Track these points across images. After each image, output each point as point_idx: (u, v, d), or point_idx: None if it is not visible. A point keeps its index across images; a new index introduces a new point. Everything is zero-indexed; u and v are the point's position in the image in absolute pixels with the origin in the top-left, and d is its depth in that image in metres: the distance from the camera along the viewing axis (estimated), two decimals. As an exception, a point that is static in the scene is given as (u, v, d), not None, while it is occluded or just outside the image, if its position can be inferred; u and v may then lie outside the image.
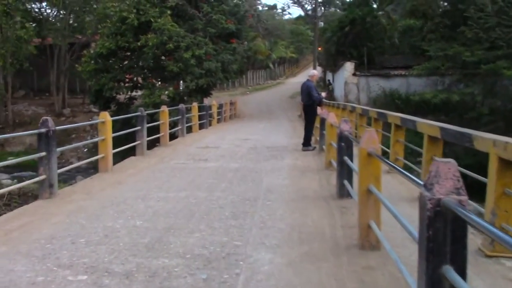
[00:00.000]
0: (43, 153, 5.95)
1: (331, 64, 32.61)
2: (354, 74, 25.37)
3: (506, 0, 18.84)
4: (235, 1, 25.61)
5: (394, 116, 7.48)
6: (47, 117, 6.11)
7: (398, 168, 3.16)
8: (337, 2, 63.91)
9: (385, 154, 7.20)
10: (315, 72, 11.37)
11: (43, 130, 5.95)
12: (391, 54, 28.31)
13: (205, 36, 21.97)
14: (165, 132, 11.84)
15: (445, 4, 27.41)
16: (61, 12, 30.04)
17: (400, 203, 5.60)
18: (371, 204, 3.89)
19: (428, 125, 5.47)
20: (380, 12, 28.60)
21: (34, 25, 27.83)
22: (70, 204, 5.75)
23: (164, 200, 5.93)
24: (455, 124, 12.49)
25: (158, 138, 11.83)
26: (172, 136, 13.87)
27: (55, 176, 6.11)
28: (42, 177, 5.94)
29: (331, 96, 28.26)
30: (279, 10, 73.49)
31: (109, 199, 5.99)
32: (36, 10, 30.65)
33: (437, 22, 25.47)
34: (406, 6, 31.19)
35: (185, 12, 22.41)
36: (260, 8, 57.51)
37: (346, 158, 5.60)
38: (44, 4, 29.94)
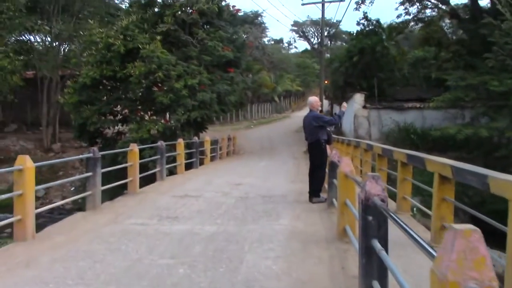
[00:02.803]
0: None
1: (339, 96, 30.36)
2: (364, 107, 23.14)
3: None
4: (236, 28, 23.56)
5: (438, 163, 5.07)
6: None
7: None
8: (344, 36, 62.66)
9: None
10: (314, 98, 8.52)
11: None
12: (401, 86, 26.11)
13: (200, 64, 19.79)
14: (134, 177, 9.41)
15: (460, 32, 25.39)
16: (51, 42, 28.31)
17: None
18: None
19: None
20: (392, 42, 26.45)
21: (21, 57, 25.93)
22: None
23: (70, 308, 3.55)
24: (479, 163, 10.06)
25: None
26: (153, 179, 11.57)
27: None
28: None
29: (338, 131, 25.94)
30: (285, 44, 72.39)
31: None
32: (25, 40, 28.86)
33: (453, 50, 23.39)
34: (418, 34, 29.20)
35: (178, 39, 20.28)
36: (266, 41, 56.13)
37: (376, 244, 3.20)
38: (31, 35, 28.12)
